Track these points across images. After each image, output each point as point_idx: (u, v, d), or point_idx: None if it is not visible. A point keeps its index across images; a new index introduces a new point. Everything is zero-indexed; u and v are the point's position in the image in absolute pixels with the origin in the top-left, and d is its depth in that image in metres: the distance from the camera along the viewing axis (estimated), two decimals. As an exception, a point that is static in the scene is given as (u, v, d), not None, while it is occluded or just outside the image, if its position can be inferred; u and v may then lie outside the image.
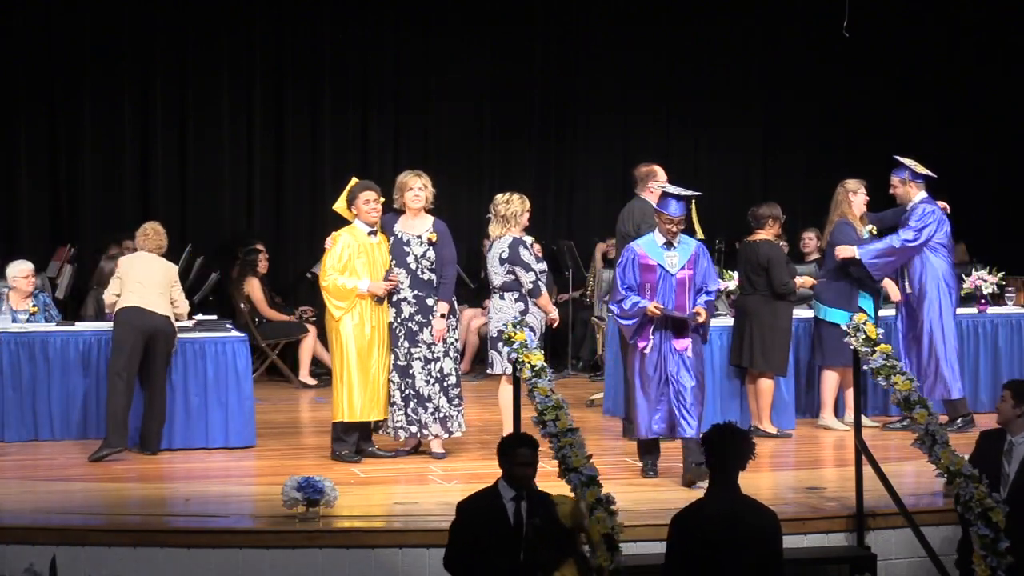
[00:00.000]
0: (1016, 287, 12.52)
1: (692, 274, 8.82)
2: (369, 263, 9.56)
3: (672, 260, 8.81)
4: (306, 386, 13.11)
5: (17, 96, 13.94)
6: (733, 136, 15.83)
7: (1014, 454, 7.51)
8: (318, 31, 14.70)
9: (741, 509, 6.21)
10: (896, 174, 10.64)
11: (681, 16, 15.55)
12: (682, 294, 8.80)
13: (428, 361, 9.56)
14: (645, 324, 8.78)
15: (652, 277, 8.80)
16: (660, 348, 8.78)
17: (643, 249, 8.86)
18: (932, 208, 10.53)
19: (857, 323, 7.94)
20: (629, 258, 8.88)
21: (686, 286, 8.81)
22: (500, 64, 15.22)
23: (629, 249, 8.94)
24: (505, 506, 6.55)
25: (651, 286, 8.79)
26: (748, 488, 6.49)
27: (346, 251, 9.53)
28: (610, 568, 6.64)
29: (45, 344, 10.21)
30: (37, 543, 7.41)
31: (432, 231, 9.64)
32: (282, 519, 7.75)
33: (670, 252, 8.82)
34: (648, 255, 8.83)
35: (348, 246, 9.55)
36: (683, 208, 8.82)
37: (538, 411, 7.27)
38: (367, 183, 9.73)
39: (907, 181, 10.59)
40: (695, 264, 8.85)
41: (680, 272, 8.80)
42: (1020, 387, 7.64)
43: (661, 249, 8.83)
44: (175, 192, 14.39)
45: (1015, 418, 7.54)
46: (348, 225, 9.68)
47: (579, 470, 6.95)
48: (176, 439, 9.97)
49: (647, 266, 8.81)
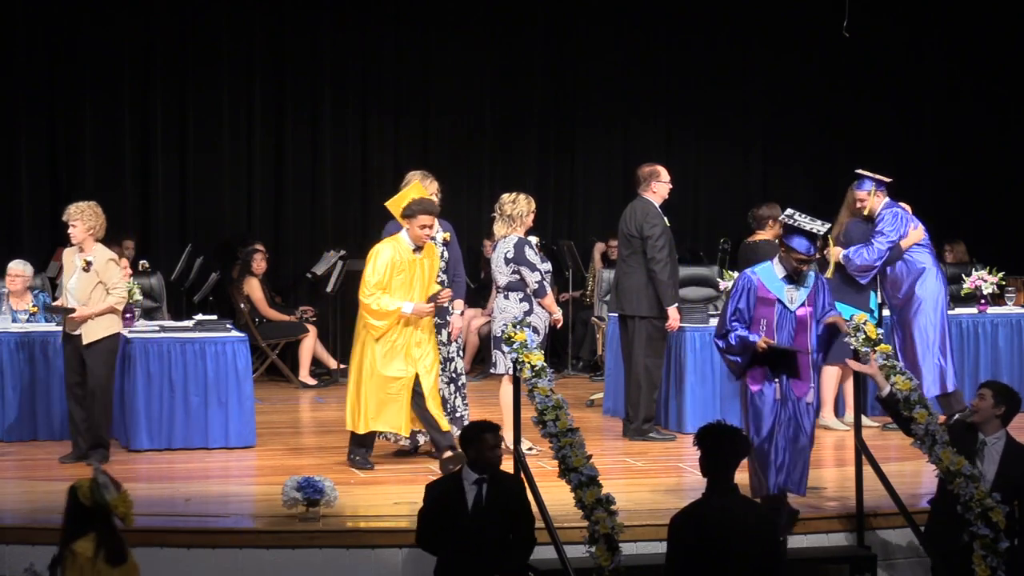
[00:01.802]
0: (1016, 287, 12.52)
1: (812, 311, 7.84)
2: (407, 280, 9.12)
3: (792, 295, 7.80)
4: (306, 386, 13.10)
5: (17, 96, 13.93)
6: (733, 136, 15.83)
7: (987, 454, 7.40)
8: (318, 32, 14.69)
9: (739, 509, 6.22)
10: (861, 188, 10.47)
11: (681, 16, 15.55)
12: (802, 332, 7.78)
13: (445, 361, 9.58)
14: (755, 362, 7.79)
15: (769, 312, 7.79)
16: (776, 391, 7.79)
17: (761, 279, 7.82)
18: (898, 212, 10.44)
19: (857, 323, 7.93)
20: (745, 287, 7.83)
21: (806, 324, 7.80)
22: (500, 64, 15.21)
23: (745, 277, 7.88)
24: (466, 490, 6.97)
25: (767, 322, 7.77)
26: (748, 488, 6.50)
27: (387, 267, 9.08)
28: (610, 568, 6.65)
29: (45, 344, 10.21)
30: (37, 543, 7.40)
31: (445, 231, 9.69)
32: (282, 519, 7.75)
33: (791, 287, 7.79)
34: (767, 287, 7.80)
35: (390, 262, 9.09)
36: (814, 247, 7.83)
37: (538, 411, 7.27)
38: (430, 205, 9.15)
39: (874, 192, 10.45)
40: (815, 299, 7.86)
41: (800, 309, 7.80)
42: (1002, 389, 7.60)
43: (782, 282, 7.80)
44: (175, 192, 14.38)
45: (992, 417, 7.48)
46: (392, 236, 9.24)
47: (579, 470, 6.96)
48: (176, 439, 9.96)
49: (765, 299, 7.78)
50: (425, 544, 7.10)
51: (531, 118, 15.41)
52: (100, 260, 9.44)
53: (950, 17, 15.99)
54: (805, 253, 7.74)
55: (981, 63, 16.00)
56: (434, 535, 7.02)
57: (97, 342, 9.41)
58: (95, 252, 9.48)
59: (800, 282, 7.80)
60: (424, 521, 7.08)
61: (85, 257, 9.45)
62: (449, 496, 7.01)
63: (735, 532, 6.09)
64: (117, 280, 9.49)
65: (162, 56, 14.28)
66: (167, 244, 14.23)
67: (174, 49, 14.34)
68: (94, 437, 9.44)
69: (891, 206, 10.50)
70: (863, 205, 10.51)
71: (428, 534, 7.06)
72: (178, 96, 14.35)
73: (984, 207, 15.86)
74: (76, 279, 9.45)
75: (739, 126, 15.82)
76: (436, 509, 7.02)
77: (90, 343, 9.40)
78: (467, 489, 6.98)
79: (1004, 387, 7.64)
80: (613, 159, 15.50)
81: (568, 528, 7.29)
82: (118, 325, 9.59)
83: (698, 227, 15.61)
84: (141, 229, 14.04)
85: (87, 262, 9.42)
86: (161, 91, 14.28)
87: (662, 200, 10.24)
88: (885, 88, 15.91)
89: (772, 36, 15.74)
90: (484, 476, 6.98)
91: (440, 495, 7.06)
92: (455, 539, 6.94)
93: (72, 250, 9.58)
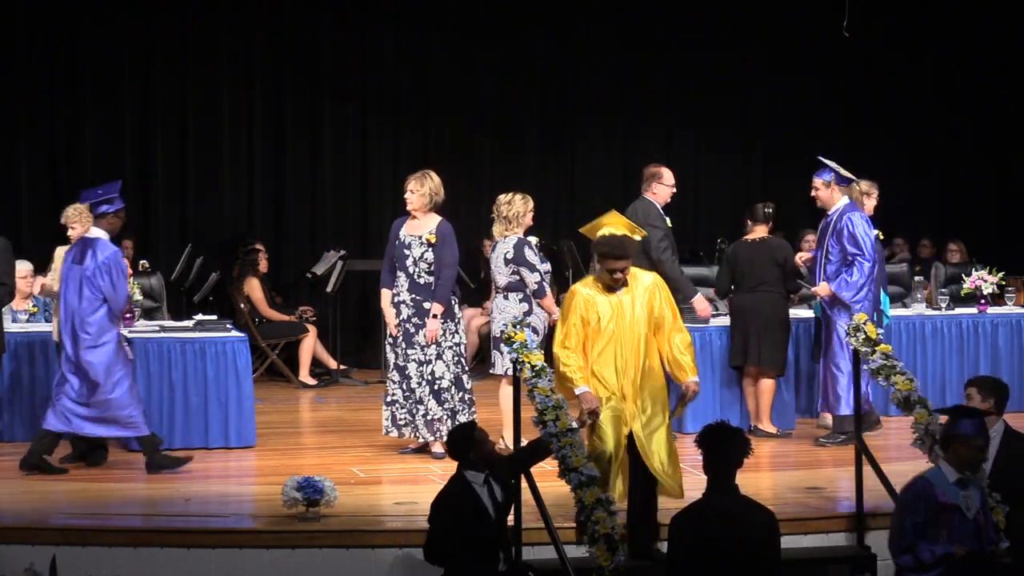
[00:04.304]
0: (1016, 287, 12.52)
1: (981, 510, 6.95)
2: (617, 328, 7.56)
3: (969, 500, 6.84)
4: (306, 386, 13.10)
5: (17, 96, 13.94)
6: (733, 136, 15.83)
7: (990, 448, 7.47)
8: (318, 32, 14.70)
9: (740, 509, 6.23)
10: (820, 176, 10.17)
11: (681, 16, 15.55)
12: (976, 541, 6.82)
13: (421, 363, 9.54)
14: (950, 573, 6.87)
15: (950, 520, 6.82)
16: None
17: (936, 485, 6.87)
18: (860, 220, 10.02)
19: (857, 323, 7.94)
20: (920, 493, 6.84)
21: (980, 530, 6.86)
22: (500, 64, 15.21)
23: (922, 482, 6.88)
24: (480, 495, 6.95)
25: (948, 531, 6.82)
26: (748, 488, 6.50)
27: (577, 316, 7.59)
28: (610, 568, 6.65)
29: (45, 344, 10.20)
30: (37, 543, 7.41)
31: (432, 232, 9.59)
32: (282, 519, 7.75)
33: (967, 491, 6.83)
34: (944, 493, 6.84)
35: (578, 309, 7.59)
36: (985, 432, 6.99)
37: (538, 411, 7.27)
38: (624, 247, 7.57)
39: (831, 184, 10.13)
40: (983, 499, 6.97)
41: (977, 514, 6.86)
42: (984, 382, 7.66)
43: (955, 487, 6.84)
44: (175, 192, 14.39)
45: (987, 414, 7.50)
46: (588, 277, 7.88)
47: (579, 470, 6.96)
48: (176, 439, 9.96)
49: (944, 505, 6.82)
50: (443, 560, 6.92)
51: (531, 118, 15.41)
52: None
53: (949, 17, 15.98)
54: (980, 442, 6.89)
55: (981, 63, 16.00)
56: (455, 547, 6.85)
57: None
58: None
59: (972, 482, 6.91)
60: (445, 535, 6.90)
61: None
62: (467, 506, 6.92)
63: (736, 532, 6.10)
64: None
65: (162, 56, 14.29)
66: (167, 244, 14.24)
67: (174, 49, 14.35)
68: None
69: (851, 209, 10.06)
70: (816, 194, 10.19)
71: (450, 550, 6.87)
72: (178, 96, 14.36)
73: (984, 207, 15.86)
74: None
75: (739, 126, 15.82)
76: (457, 522, 6.88)
77: None
78: (480, 493, 6.95)
79: (986, 379, 7.67)
80: (613, 159, 15.49)
81: (568, 528, 7.29)
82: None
83: (698, 227, 15.59)
84: (141, 229, 14.05)
85: None
86: (161, 91, 14.28)
87: (664, 202, 10.23)
88: (885, 88, 15.91)
89: (772, 36, 15.74)
90: (487, 472, 7.00)
91: (457, 508, 6.93)
92: (479, 545, 6.86)
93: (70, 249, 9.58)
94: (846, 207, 10.10)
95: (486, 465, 7.01)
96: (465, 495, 6.97)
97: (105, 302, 9.12)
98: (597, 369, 7.52)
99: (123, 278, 9.24)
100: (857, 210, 10.15)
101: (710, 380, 10.52)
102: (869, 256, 9.95)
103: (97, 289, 9.10)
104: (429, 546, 7.02)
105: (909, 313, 11.56)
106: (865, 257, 9.93)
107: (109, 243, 9.24)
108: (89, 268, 9.11)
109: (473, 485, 6.96)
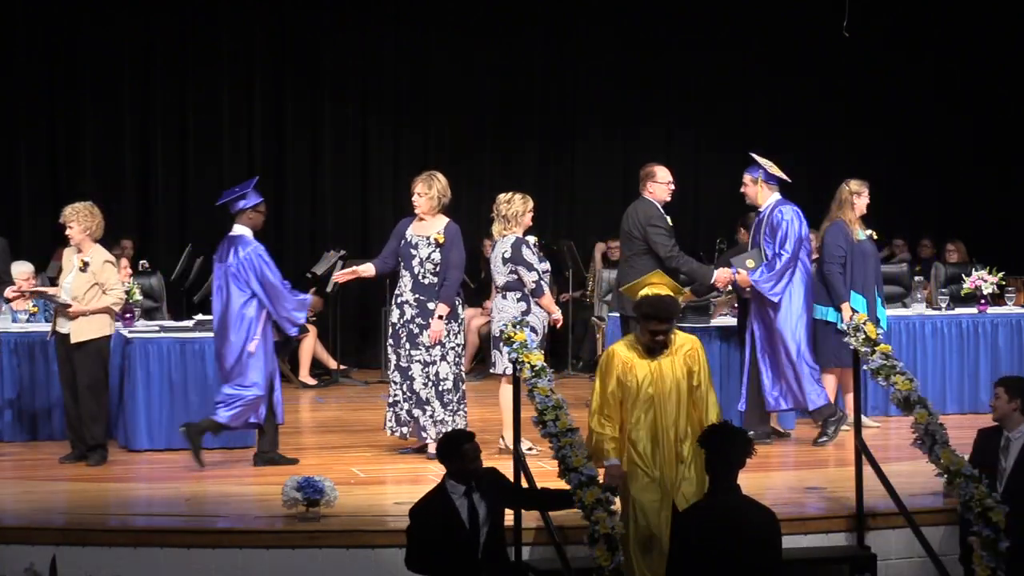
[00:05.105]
0: (1016, 287, 12.52)
1: None
2: (656, 392, 7.20)
3: None
4: (306, 386, 13.11)
5: (17, 96, 13.94)
6: (733, 136, 15.81)
7: (1011, 449, 7.57)
8: (318, 32, 14.70)
9: (741, 509, 6.22)
10: (749, 172, 10.15)
11: (681, 16, 15.56)
12: None
13: (427, 364, 9.54)
14: None
15: None
16: None
17: None
18: (791, 214, 9.96)
19: (857, 323, 7.93)
20: None
21: None
22: (500, 64, 15.21)
23: None
24: (457, 505, 6.86)
25: None
26: (748, 488, 6.50)
27: (614, 379, 7.23)
28: (610, 568, 6.65)
29: (45, 344, 10.20)
30: (37, 543, 7.41)
31: (441, 232, 9.61)
32: (282, 519, 7.75)
33: None
34: None
35: (615, 371, 7.24)
36: None
37: (538, 411, 7.26)
38: (669, 309, 7.24)
39: (759, 181, 10.08)
40: None
41: None
42: (1013, 382, 7.72)
43: None
44: (175, 192, 14.39)
45: (1011, 413, 7.60)
46: (628, 337, 7.51)
47: (579, 470, 6.95)
48: (176, 439, 9.93)
49: None
50: (419, 568, 6.90)
51: (531, 118, 15.42)
52: (97, 261, 9.45)
53: (949, 17, 15.99)
54: None
55: (981, 64, 16.01)
56: (431, 558, 6.84)
57: (86, 343, 9.42)
58: (92, 253, 9.49)
59: None
60: (419, 545, 6.88)
61: (83, 258, 9.45)
62: (441, 516, 6.86)
63: (737, 532, 6.10)
64: (114, 282, 9.50)
65: (162, 56, 14.29)
66: (167, 244, 14.24)
67: (174, 49, 14.36)
68: (89, 437, 9.44)
69: (782, 204, 10.02)
70: (744, 190, 10.17)
71: (424, 558, 6.85)
72: (178, 96, 14.37)
73: (984, 207, 15.86)
74: (72, 278, 9.46)
75: (739, 126, 15.81)
76: (430, 532, 6.85)
77: (78, 343, 9.41)
78: (458, 504, 6.88)
79: (1016, 380, 7.68)
80: (613, 159, 15.50)
81: (568, 528, 7.29)
82: (109, 328, 9.57)
83: (698, 227, 15.60)
84: (141, 229, 14.06)
85: (84, 263, 9.42)
86: (161, 91, 14.29)
87: (663, 200, 10.22)
88: (884, 88, 15.91)
89: (772, 36, 15.75)
90: (470, 485, 6.91)
91: (431, 516, 6.89)
92: (454, 557, 6.82)
93: (71, 250, 9.60)
94: (777, 202, 10.06)
95: (463, 480, 6.90)
96: (440, 503, 6.90)
97: (254, 296, 9.25)
98: (633, 437, 7.16)
99: (268, 268, 9.36)
100: (789, 204, 10.08)
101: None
102: (790, 249, 9.85)
103: (244, 284, 9.24)
104: (407, 553, 6.98)
105: (909, 313, 11.56)
106: (785, 249, 9.86)
107: (251, 239, 9.42)
108: (232, 265, 9.29)
109: (451, 495, 6.89)
